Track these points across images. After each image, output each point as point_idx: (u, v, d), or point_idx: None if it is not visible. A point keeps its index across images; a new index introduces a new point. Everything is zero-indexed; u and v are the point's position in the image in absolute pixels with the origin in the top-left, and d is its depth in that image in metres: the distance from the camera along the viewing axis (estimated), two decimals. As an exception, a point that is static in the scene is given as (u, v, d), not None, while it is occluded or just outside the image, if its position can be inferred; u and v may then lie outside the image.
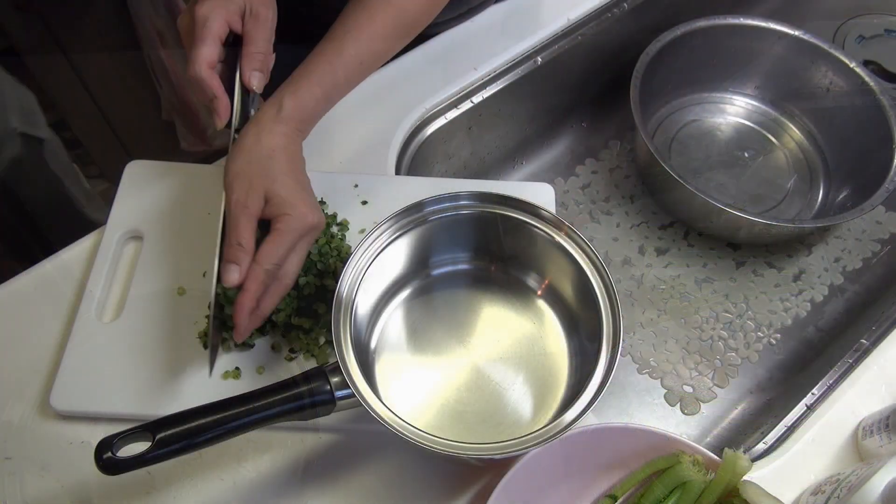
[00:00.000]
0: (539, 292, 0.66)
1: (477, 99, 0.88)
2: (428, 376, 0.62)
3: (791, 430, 0.68)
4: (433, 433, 0.52)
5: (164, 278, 0.68)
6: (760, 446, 0.69)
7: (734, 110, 1.05)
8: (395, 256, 0.63)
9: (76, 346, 0.64)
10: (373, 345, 0.63)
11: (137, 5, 1.32)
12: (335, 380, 0.53)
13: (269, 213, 0.57)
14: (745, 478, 0.56)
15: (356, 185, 0.74)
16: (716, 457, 0.58)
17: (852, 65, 0.93)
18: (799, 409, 0.70)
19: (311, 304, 0.66)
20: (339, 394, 0.53)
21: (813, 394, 0.71)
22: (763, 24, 0.97)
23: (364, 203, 0.73)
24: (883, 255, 0.94)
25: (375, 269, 0.61)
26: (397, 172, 0.80)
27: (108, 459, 0.48)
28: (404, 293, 0.66)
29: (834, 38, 1.12)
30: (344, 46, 0.62)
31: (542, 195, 0.74)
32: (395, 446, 0.62)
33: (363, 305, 0.60)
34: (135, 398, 0.62)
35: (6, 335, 0.67)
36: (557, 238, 0.62)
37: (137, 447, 0.49)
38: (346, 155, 0.79)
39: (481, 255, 0.67)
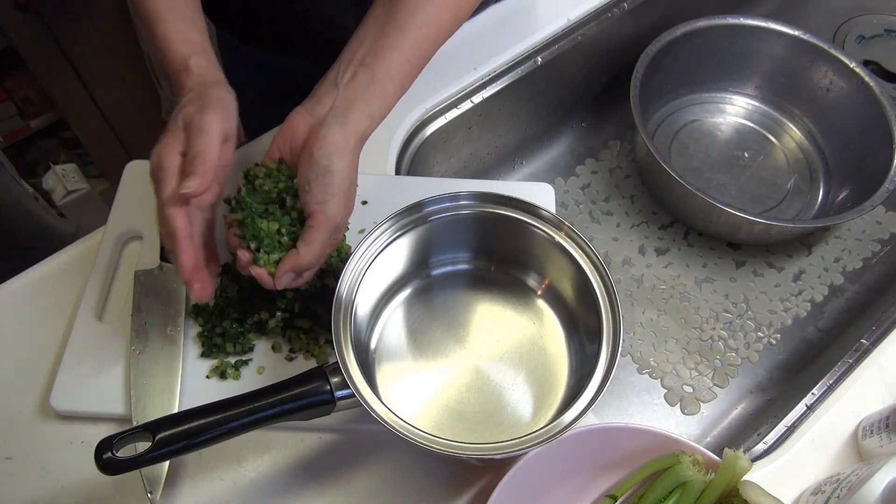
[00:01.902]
0: (539, 292, 0.66)
1: (477, 99, 0.88)
2: (428, 376, 0.62)
3: (791, 430, 0.68)
4: (433, 433, 0.52)
5: (164, 278, 0.68)
6: (760, 446, 0.69)
7: (734, 110, 1.05)
8: (395, 256, 0.63)
9: (76, 346, 0.64)
10: (373, 345, 0.63)
11: (137, 5, 1.31)
12: (335, 380, 0.53)
13: None
14: (745, 478, 0.56)
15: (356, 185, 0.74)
16: (716, 457, 0.58)
17: (852, 65, 0.93)
18: (799, 409, 0.70)
19: (311, 304, 0.66)
20: (339, 394, 0.53)
21: (813, 394, 0.71)
22: (763, 24, 0.97)
23: (364, 203, 0.73)
24: (883, 255, 0.94)
25: (375, 269, 0.61)
26: (397, 172, 0.80)
27: (108, 459, 0.48)
28: (404, 293, 0.66)
29: (834, 38, 1.12)
30: (417, 40, 0.60)
31: (542, 195, 0.74)
32: (395, 446, 0.62)
33: (363, 305, 0.60)
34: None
35: (6, 335, 0.67)
36: (557, 238, 0.62)
37: (137, 447, 0.49)
38: (346, 155, 0.79)
39: (481, 255, 0.67)
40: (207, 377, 0.64)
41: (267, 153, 0.60)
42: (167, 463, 0.59)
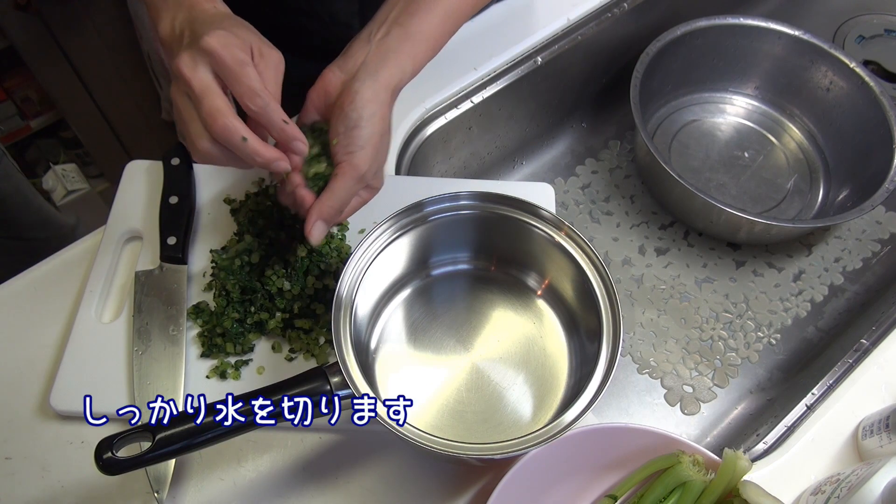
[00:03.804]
0: (539, 292, 0.66)
1: (477, 99, 0.88)
2: (428, 376, 0.62)
3: (791, 430, 0.68)
4: (433, 433, 0.52)
5: (164, 278, 0.68)
6: (760, 446, 0.69)
7: (734, 110, 1.05)
8: (395, 256, 0.63)
9: (76, 346, 0.64)
10: (373, 345, 0.63)
11: (137, 5, 1.32)
12: (335, 380, 0.53)
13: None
14: (745, 478, 0.56)
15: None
16: (716, 457, 0.58)
17: (852, 65, 0.93)
18: (799, 409, 0.70)
19: (311, 304, 0.66)
20: (338, 394, 0.53)
21: (813, 394, 0.71)
22: (763, 24, 0.97)
23: (364, 203, 0.73)
24: (883, 255, 0.94)
25: (375, 269, 0.61)
26: (397, 172, 0.80)
27: (108, 459, 0.48)
28: (404, 293, 0.66)
29: (834, 38, 1.12)
30: (452, 4, 0.62)
31: (542, 195, 0.74)
32: (395, 446, 0.63)
33: (363, 305, 0.60)
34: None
35: (6, 335, 0.67)
36: (557, 238, 0.62)
37: (137, 447, 0.49)
38: (346, 155, 0.79)
39: (481, 255, 0.67)
40: (207, 377, 0.64)
41: (301, 111, 0.61)
42: (173, 462, 0.60)
